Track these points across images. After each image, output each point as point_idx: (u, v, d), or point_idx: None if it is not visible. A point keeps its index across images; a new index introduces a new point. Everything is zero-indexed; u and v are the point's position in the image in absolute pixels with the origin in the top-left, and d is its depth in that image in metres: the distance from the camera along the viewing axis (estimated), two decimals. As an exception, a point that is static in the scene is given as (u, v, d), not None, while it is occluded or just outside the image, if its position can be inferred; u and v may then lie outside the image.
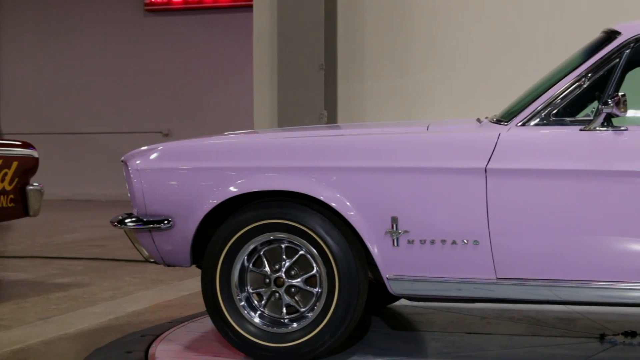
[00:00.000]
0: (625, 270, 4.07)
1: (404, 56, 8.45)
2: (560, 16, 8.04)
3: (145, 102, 17.62)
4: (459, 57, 8.30)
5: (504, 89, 6.12)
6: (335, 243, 4.26)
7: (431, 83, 8.34)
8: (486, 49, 8.21)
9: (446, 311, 5.52)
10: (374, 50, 8.54)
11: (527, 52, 8.01)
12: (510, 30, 8.15)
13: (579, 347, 4.70)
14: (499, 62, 8.13)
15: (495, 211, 4.09)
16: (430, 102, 8.33)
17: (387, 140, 4.38)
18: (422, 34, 8.40)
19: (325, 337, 4.30)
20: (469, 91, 8.19)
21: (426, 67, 8.38)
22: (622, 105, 4.01)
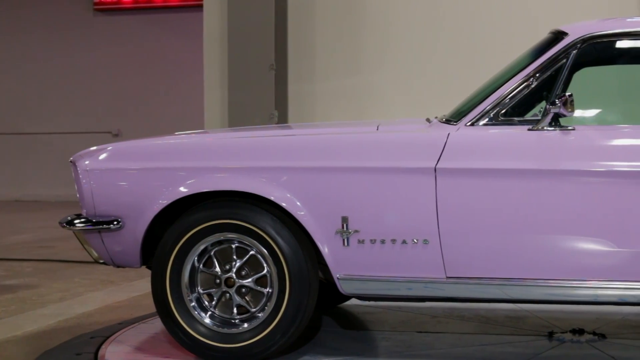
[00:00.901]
0: (574, 269, 4.11)
1: (355, 56, 8.46)
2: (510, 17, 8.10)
3: (95, 102, 17.49)
4: (409, 57, 8.33)
5: (454, 89, 6.16)
6: (285, 243, 4.26)
7: (381, 83, 8.36)
8: (436, 49, 8.25)
9: (397, 310, 5.54)
10: (324, 50, 8.55)
11: (477, 53, 8.06)
12: (460, 31, 8.19)
13: (528, 345, 4.74)
14: (448, 62, 8.18)
15: (445, 210, 4.12)
16: (380, 102, 8.35)
17: (337, 140, 4.39)
18: (373, 34, 8.43)
19: (276, 337, 4.30)
20: (419, 91, 8.22)
21: (376, 67, 8.40)
22: (570, 105, 4.05)
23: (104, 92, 17.46)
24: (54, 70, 17.67)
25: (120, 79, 17.40)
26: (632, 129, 4.17)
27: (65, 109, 17.61)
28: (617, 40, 4.36)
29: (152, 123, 16.73)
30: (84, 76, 17.55)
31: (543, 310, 5.45)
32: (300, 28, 8.64)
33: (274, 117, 8.34)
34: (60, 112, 17.62)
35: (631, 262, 4.06)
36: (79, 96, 17.55)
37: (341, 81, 8.48)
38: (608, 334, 4.92)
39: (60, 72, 17.64)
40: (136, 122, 17.05)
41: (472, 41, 8.15)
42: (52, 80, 17.67)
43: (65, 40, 17.63)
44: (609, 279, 4.09)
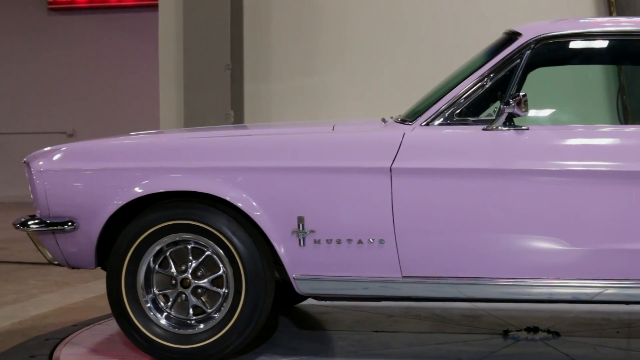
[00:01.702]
0: (528, 268, 4.15)
1: (310, 56, 8.47)
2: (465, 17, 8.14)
3: (50, 102, 17.34)
4: (365, 58, 8.35)
5: (409, 89, 6.18)
6: (241, 243, 4.25)
7: (337, 83, 8.37)
8: (391, 50, 8.27)
9: (353, 310, 5.56)
10: (280, 50, 8.54)
11: (432, 53, 8.10)
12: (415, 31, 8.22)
13: (483, 344, 4.77)
14: (403, 62, 8.21)
15: (400, 210, 4.13)
16: (336, 102, 8.36)
17: (293, 140, 4.39)
18: (328, 34, 8.44)
19: (233, 338, 4.29)
20: (375, 91, 8.24)
21: (332, 67, 8.41)
22: (524, 105, 4.08)
23: (58, 92, 17.31)
24: (7, 71, 17.49)
25: (75, 79, 17.26)
26: (585, 129, 4.21)
27: (19, 109, 17.44)
28: (571, 41, 4.41)
29: (108, 123, 16.62)
30: (38, 76, 17.39)
31: (498, 308, 5.49)
32: (256, 28, 8.62)
33: (229, 117, 8.31)
34: (14, 113, 17.44)
35: (584, 261, 4.10)
36: (33, 96, 17.38)
37: (297, 81, 8.48)
38: (562, 331, 4.97)
39: (14, 72, 17.46)
40: (91, 123, 16.92)
41: (428, 41, 8.18)
42: (6, 81, 17.49)
43: (19, 40, 17.45)
44: (563, 277, 4.13)
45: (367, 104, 8.18)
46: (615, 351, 4.64)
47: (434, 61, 7.92)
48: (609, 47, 4.56)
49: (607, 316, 5.35)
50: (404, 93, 6.27)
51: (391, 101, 6.63)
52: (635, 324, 5.23)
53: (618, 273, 4.10)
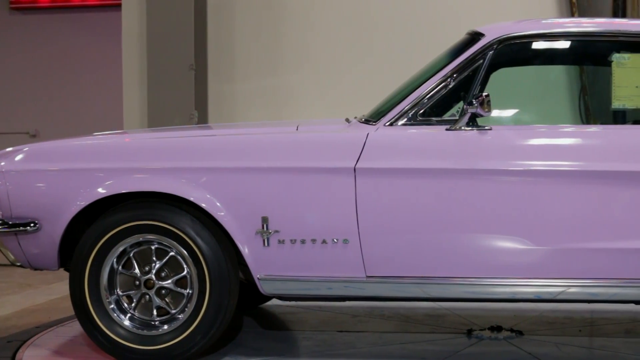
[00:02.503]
0: (491, 267, 4.17)
1: (275, 56, 8.46)
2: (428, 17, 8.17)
3: (12, 102, 17.18)
4: (329, 58, 8.35)
5: (373, 89, 6.19)
6: (205, 244, 4.24)
7: (302, 83, 8.37)
8: (355, 50, 8.28)
9: (318, 310, 5.56)
10: (244, 50, 8.53)
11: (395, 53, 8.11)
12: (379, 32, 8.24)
13: (447, 343, 4.79)
14: (368, 62, 8.21)
15: (364, 210, 4.14)
16: (300, 102, 8.36)
17: (256, 141, 4.38)
18: (293, 35, 8.43)
19: (197, 339, 4.28)
20: (339, 92, 8.25)
21: (297, 67, 8.41)
22: (487, 105, 4.10)
23: (21, 92, 17.16)
24: (-32, 70, 17.34)
25: (38, 79, 17.12)
26: (547, 129, 4.24)
27: (-19, 110, 17.29)
28: (533, 41, 4.44)
29: (71, 123, 16.49)
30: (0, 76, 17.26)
31: (462, 308, 5.51)
32: (220, 28, 8.60)
33: (193, 117, 8.29)
34: (-24, 113, 17.30)
35: (547, 260, 4.13)
36: (-5, 96, 17.24)
37: (261, 81, 8.47)
38: (525, 330, 5.00)
39: (-25, 72, 17.32)
40: (54, 123, 16.79)
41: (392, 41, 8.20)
42: (-33, 81, 17.34)
43: (-20, 40, 17.31)
44: (526, 276, 4.16)
45: (331, 104, 8.19)
46: (578, 349, 4.68)
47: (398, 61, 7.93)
48: (571, 47, 4.60)
49: (569, 315, 5.39)
50: (368, 93, 6.28)
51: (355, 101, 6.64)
52: (597, 323, 5.27)
53: (580, 272, 4.14)
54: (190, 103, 8.34)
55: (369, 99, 5.32)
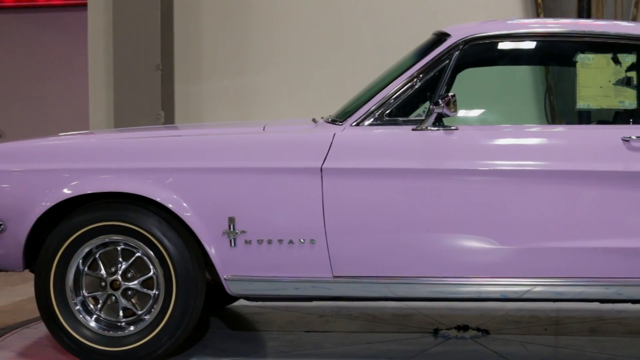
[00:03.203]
0: (457, 266, 4.19)
1: (241, 57, 8.45)
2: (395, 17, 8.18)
3: (-24, 102, 17.08)
4: (296, 58, 8.35)
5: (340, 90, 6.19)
6: (172, 244, 4.23)
7: (268, 84, 8.36)
8: (322, 50, 8.28)
9: (285, 310, 5.56)
10: (211, 50, 8.51)
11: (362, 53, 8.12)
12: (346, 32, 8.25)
13: (414, 342, 4.80)
14: (334, 62, 8.22)
15: (331, 210, 4.15)
16: (267, 102, 8.35)
17: (223, 141, 4.38)
18: (259, 35, 8.42)
19: (163, 340, 4.27)
20: (306, 92, 8.25)
21: (263, 67, 8.40)
22: (453, 105, 4.12)
23: (-15, 92, 17.06)
24: None
25: (3, 79, 17.01)
26: (513, 129, 4.26)
27: (-55, 110, 17.15)
28: (499, 42, 4.46)
29: (36, 124, 16.37)
30: (-35, 76, 17.12)
31: (429, 307, 5.53)
32: (186, 28, 8.58)
33: (160, 117, 8.26)
34: (-60, 113, 17.15)
35: (512, 259, 4.15)
36: (-40, 97, 17.11)
37: (228, 81, 8.45)
38: (491, 329, 5.02)
39: (-61, 72, 17.17)
40: (20, 123, 16.66)
41: (358, 41, 8.21)
42: None
43: (-56, 40, 17.17)
44: (492, 275, 4.18)
45: (298, 105, 8.19)
46: (544, 348, 4.71)
47: (365, 61, 7.95)
48: (536, 48, 4.62)
49: (535, 314, 5.42)
50: (335, 93, 6.28)
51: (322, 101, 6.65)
52: (562, 321, 5.31)
53: (546, 271, 4.17)
54: (156, 103, 8.32)
55: (335, 99, 5.33)
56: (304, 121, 4.89)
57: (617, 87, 4.30)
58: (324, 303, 5.59)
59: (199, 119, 8.46)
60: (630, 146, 4.12)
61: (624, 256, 4.13)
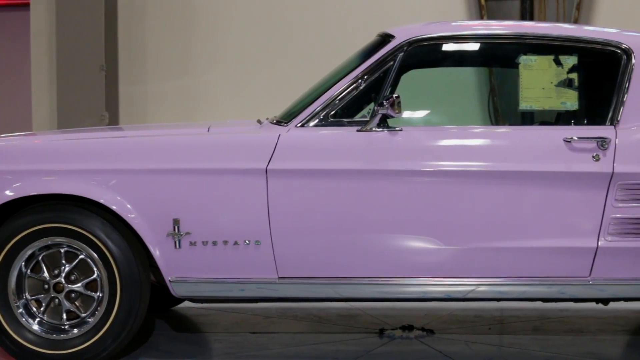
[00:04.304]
0: (403, 267, 4.21)
1: (186, 57, 8.42)
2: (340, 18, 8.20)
3: None
4: (240, 58, 8.34)
5: (285, 90, 6.20)
6: (116, 246, 4.20)
7: (213, 84, 8.34)
8: (267, 50, 8.28)
9: (230, 312, 5.54)
10: (155, 51, 8.47)
11: (307, 54, 8.13)
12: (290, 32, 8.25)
13: (359, 343, 4.82)
14: (279, 63, 8.22)
15: (276, 211, 4.15)
16: (213, 103, 8.33)
17: (167, 142, 4.36)
18: (204, 36, 8.40)
19: (107, 342, 4.24)
20: (251, 93, 8.24)
21: (208, 68, 8.38)
22: (397, 106, 4.14)
23: None
24: None
25: (-56, 80, 16.79)
26: (457, 130, 4.29)
27: None
28: (443, 43, 4.49)
29: (-22, 125, 16.21)
30: None
31: (374, 307, 5.54)
32: (130, 28, 8.53)
33: (104, 118, 8.20)
34: None
35: (456, 259, 4.19)
36: None
37: (172, 82, 8.42)
38: (436, 329, 5.05)
39: None
40: (-39, 124, 16.48)
41: (303, 42, 8.22)
42: None
43: None
44: (436, 276, 4.21)
45: (244, 105, 8.18)
46: (488, 347, 4.75)
47: (310, 63, 7.96)
48: (480, 49, 4.66)
49: (479, 313, 5.46)
50: (280, 94, 6.28)
51: (267, 102, 6.64)
52: (506, 320, 5.35)
53: (489, 271, 4.20)
54: (100, 104, 8.26)
55: (280, 100, 5.33)
56: (249, 122, 4.88)
57: (558, 88, 4.35)
58: (269, 304, 5.58)
59: (144, 119, 8.42)
60: (571, 147, 4.17)
61: (566, 255, 4.18)
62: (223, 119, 7.69)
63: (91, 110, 8.22)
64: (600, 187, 4.15)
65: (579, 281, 4.22)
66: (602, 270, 4.20)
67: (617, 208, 4.16)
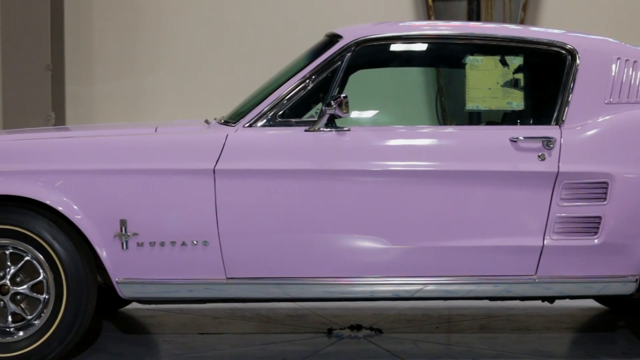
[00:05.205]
0: (350, 266, 4.22)
1: (133, 57, 8.37)
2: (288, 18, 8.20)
3: None
4: (187, 58, 8.31)
5: (233, 91, 6.18)
6: (62, 248, 4.17)
7: (161, 84, 8.30)
8: (214, 50, 8.26)
9: (178, 313, 5.52)
10: (102, 51, 8.41)
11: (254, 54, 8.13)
12: (238, 33, 8.23)
13: (308, 343, 4.82)
14: (226, 63, 8.21)
15: (224, 212, 4.14)
16: (160, 103, 8.29)
17: (114, 143, 4.33)
18: (151, 35, 8.36)
19: (54, 345, 4.20)
20: (198, 93, 8.21)
21: (156, 68, 8.34)
22: (345, 106, 4.15)
23: None
24: None
25: None
26: (405, 130, 4.31)
27: None
28: (391, 44, 4.51)
29: None
30: None
31: (323, 307, 5.55)
32: (77, 28, 8.46)
33: (50, 118, 8.12)
34: None
35: (404, 259, 4.21)
36: None
37: (120, 82, 8.37)
38: (384, 328, 5.07)
39: None
40: None
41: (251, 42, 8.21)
42: None
43: None
44: (384, 275, 4.23)
45: (191, 106, 8.15)
46: (435, 346, 4.77)
47: (258, 63, 7.95)
48: (427, 49, 4.68)
49: (427, 312, 5.49)
50: (228, 94, 6.27)
51: (215, 103, 6.62)
52: (454, 319, 5.39)
53: (437, 270, 4.23)
54: (47, 104, 8.18)
55: (228, 100, 5.32)
56: (196, 122, 4.87)
57: (505, 88, 4.38)
58: (217, 305, 5.57)
59: (91, 120, 8.36)
60: (517, 146, 4.21)
61: (512, 254, 4.22)
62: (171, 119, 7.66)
63: (37, 110, 8.14)
64: (545, 187, 4.20)
65: (525, 280, 4.26)
66: (547, 268, 4.24)
67: (562, 207, 4.20)
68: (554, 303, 4.68)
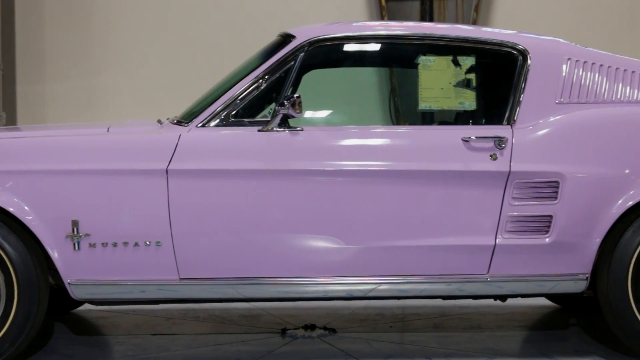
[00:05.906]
0: (304, 266, 4.23)
1: (86, 56, 8.31)
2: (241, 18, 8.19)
3: None
4: (142, 58, 8.26)
5: (187, 90, 6.17)
6: (13, 249, 4.13)
7: (113, 84, 8.25)
8: (166, 50, 8.21)
9: (131, 314, 5.49)
10: (54, 50, 8.34)
11: (208, 54, 8.10)
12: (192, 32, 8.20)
13: (262, 343, 4.82)
14: (180, 63, 8.17)
15: (177, 212, 4.12)
16: (112, 103, 8.24)
17: (66, 143, 4.29)
18: (102, 35, 8.30)
19: (5, 347, 4.16)
20: (151, 92, 8.17)
21: (107, 68, 8.28)
22: (298, 106, 4.15)
23: None
24: None
25: None
26: (358, 130, 4.32)
27: None
28: (344, 44, 4.53)
29: None
30: None
31: (277, 307, 5.55)
32: (28, 27, 8.38)
33: (1, 118, 8.05)
34: None
35: (358, 258, 4.22)
36: None
37: (72, 82, 8.30)
38: (338, 328, 5.08)
39: None
40: None
41: (203, 41, 8.18)
42: None
43: None
44: (338, 275, 4.23)
45: (143, 106, 8.10)
46: (389, 345, 4.79)
47: (211, 62, 7.92)
48: (380, 50, 4.70)
49: (381, 311, 5.51)
50: (181, 94, 6.25)
51: (167, 103, 6.59)
52: (407, 318, 5.41)
53: (390, 269, 4.25)
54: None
55: (181, 100, 5.29)
56: (149, 122, 4.85)
57: (457, 88, 4.41)
58: (171, 306, 5.55)
59: (43, 120, 8.28)
60: (469, 146, 4.24)
61: (464, 253, 4.25)
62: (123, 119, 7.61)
63: (-13, 110, 8.06)
64: (497, 186, 4.23)
65: (477, 278, 4.28)
66: (500, 267, 4.27)
67: (514, 206, 4.24)
68: (506, 301, 4.71)
